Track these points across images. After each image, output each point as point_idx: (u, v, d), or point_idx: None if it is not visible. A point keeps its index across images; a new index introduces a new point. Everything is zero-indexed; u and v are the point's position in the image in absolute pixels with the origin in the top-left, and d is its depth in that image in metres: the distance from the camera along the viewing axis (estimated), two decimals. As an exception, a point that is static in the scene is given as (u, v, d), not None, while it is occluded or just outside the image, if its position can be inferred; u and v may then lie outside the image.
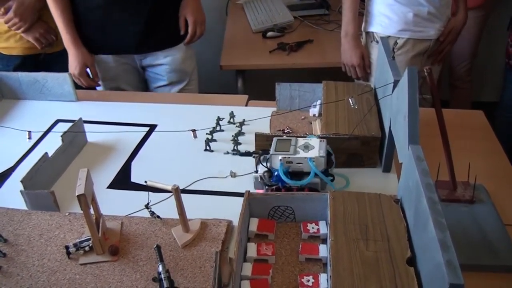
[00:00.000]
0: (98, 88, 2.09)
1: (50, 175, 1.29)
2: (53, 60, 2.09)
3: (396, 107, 1.14)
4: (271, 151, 1.16)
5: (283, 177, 1.13)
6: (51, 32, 2.06)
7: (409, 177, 0.96)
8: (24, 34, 1.99)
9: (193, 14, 1.99)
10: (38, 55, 2.08)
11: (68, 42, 1.91)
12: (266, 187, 1.18)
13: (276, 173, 1.15)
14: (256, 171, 1.21)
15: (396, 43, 1.84)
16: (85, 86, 2.01)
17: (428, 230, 0.80)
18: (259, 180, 1.20)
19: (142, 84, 2.15)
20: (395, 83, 1.17)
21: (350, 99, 1.24)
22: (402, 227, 0.96)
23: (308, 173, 1.13)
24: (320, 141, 1.18)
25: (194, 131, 1.30)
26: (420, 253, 0.87)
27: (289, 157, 1.14)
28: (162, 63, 2.03)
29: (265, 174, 1.19)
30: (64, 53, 2.09)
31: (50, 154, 1.29)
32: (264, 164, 1.19)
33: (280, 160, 1.14)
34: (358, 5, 1.92)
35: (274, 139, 1.20)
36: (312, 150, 1.16)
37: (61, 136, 1.34)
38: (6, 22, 1.93)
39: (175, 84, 2.11)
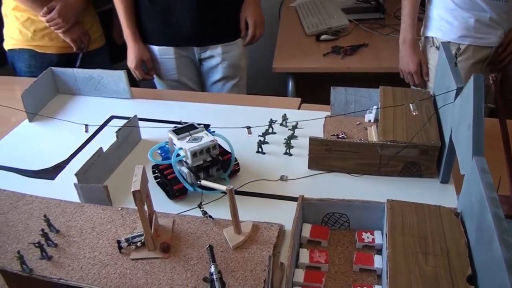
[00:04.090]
0: (155, 79, 2.16)
1: (103, 169, 1.31)
2: (87, 59, 2.15)
3: (458, 116, 1.10)
4: (173, 128, 1.26)
5: (157, 150, 1.29)
6: (87, 35, 2.11)
7: (472, 190, 0.92)
8: (62, 34, 2.05)
9: (253, 16, 2.05)
10: (72, 54, 2.13)
11: (127, 36, 2.00)
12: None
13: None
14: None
15: (459, 49, 1.79)
16: (139, 79, 2.08)
17: (493, 248, 0.75)
18: None
19: (198, 79, 2.21)
20: (458, 90, 1.12)
21: (411, 105, 1.20)
22: (462, 242, 0.91)
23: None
24: (211, 141, 1.21)
25: (248, 128, 1.30)
26: (482, 272, 0.83)
27: (173, 139, 1.23)
28: (221, 58, 2.09)
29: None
30: (99, 53, 2.16)
31: (104, 149, 1.31)
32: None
33: (168, 141, 1.26)
34: (418, 11, 1.87)
35: (191, 122, 1.29)
36: (193, 143, 1.20)
37: (116, 132, 1.36)
38: (49, 21, 1.99)
39: (230, 79, 2.17)
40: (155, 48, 2.05)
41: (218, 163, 1.23)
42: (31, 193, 1.24)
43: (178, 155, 1.22)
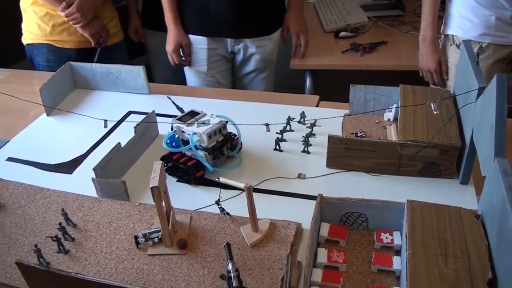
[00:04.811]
0: (185, 68, 2.18)
1: (121, 164, 1.31)
2: (105, 54, 2.15)
3: (480, 116, 1.08)
4: (177, 117, 1.30)
5: (167, 141, 1.28)
6: (105, 30, 2.11)
7: (493, 192, 0.90)
8: (81, 29, 2.05)
9: (295, 27, 2.13)
10: (90, 49, 2.13)
11: (169, 21, 2.03)
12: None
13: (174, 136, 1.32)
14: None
15: (481, 47, 1.76)
16: (174, 64, 2.10)
17: (515, 252, 0.74)
18: None
19: (228, 71, 2.22)
20: (480, 90, 1.10)
21: (432, 104, 1.18)
22: (483, 245, 0.90)
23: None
24: (220, 122, 1.26)
25: (267, 125, 1.30)
26: (503, 276, 0.81)
27: (182, 127, 1.27)
28: (254, 52, 2.11)
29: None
30: (117, 48, 2.16)
31: (122, 145, 1.31)
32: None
33: (175, 128, 1.29)
34: (438, 8, 1.85)
35: (190, 109, 1.33)
36: (203, 127, 1.24)
37: (134, 127, 1.36)
38: (67, 16, 2.00)
39: (260, 72, 2.19)
40: (189, 37, 2.06)
41: (228, 141, 1.28)
42: (49, 187, 1.25)
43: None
